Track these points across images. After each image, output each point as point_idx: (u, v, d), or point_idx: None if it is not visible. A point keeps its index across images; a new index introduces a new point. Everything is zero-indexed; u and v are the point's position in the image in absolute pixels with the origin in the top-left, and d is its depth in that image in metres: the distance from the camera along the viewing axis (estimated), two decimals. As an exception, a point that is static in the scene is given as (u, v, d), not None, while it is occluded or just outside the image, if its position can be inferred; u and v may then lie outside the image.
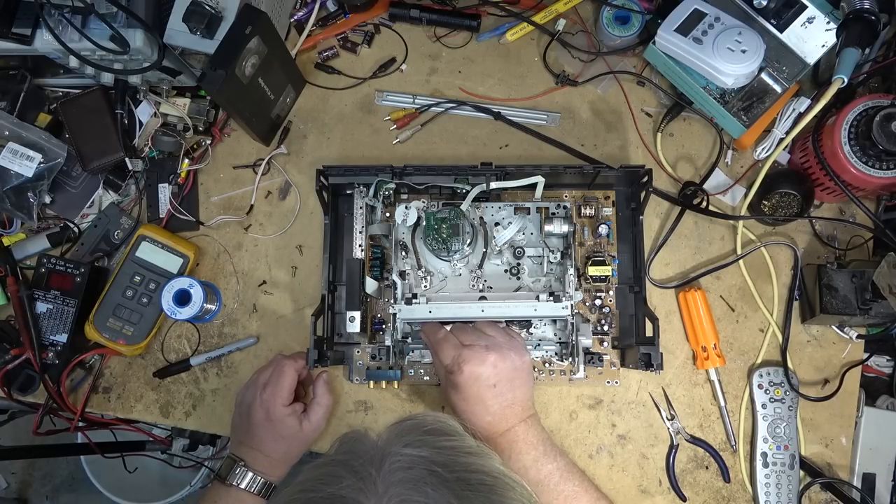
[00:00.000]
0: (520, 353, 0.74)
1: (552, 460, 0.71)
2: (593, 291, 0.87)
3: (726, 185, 0.90)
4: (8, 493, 1.87)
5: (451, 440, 0.48)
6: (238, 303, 0.91)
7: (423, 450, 0.45)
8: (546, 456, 0.71)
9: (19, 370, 0.87)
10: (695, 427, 0.86)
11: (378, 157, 0.93)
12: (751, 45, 0.81)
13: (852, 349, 0.86)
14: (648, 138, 0.92)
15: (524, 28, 0.94)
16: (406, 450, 0.45)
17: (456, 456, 0.46)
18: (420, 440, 0.46)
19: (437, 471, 0.43)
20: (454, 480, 0.43)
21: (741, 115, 0.85)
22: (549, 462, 0.71)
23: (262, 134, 0.91)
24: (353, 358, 0.87)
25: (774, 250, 0.88)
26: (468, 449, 0.47)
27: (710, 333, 0.86)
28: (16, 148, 0.87)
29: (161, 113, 0.91)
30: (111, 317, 0.86)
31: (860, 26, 0.78)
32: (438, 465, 0.44)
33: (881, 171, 0.77)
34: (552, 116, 0.93)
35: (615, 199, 0.89)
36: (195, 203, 0.93)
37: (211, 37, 0.82)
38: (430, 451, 0.45)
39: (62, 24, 0.80)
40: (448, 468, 0.44)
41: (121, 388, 0.90)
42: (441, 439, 0.47)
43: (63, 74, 0.93)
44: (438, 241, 0.82)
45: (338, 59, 0.96)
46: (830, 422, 0.85)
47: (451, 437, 0.48)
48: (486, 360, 0.71)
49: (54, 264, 0.87)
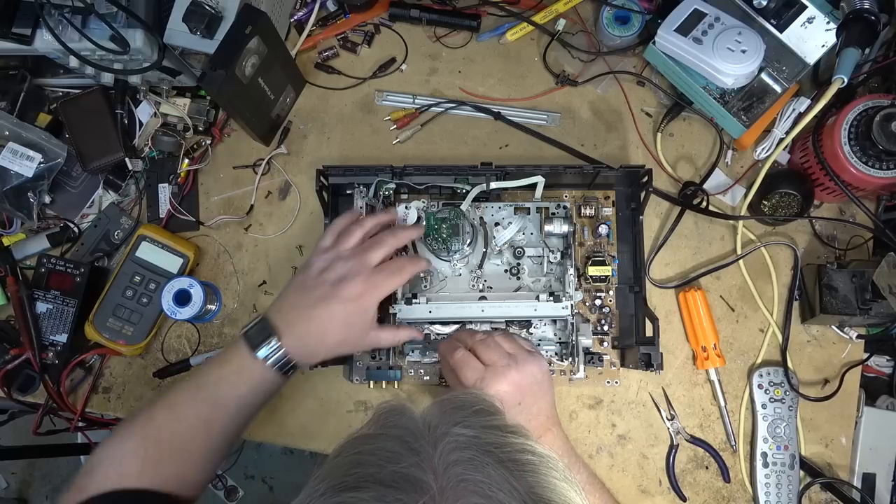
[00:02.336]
0: (539, 363, 0.72)
1: (576, 472, 0.71)
2: (593, 291, 0.87)
3: (726, 185, 0.90)
4: (8, 493, 1.87)
5: (496, 419, 0.47)
6: (238, 303, 0.91)
7: (475, 430, 0.44)
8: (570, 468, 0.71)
9: (19, 370, 0.87)
10: (695, 427, 0.86)
11: (378, 157, 0.93)
12: (751, 45, 0.81)
13: (852, 349, 0.86)
14: (648, 138, 0.92)
15: (524, 28, 0.94)
16: (458, 429, 0.44)
17: (505, 436, 0.45)
18: (470, 420, 0.45)
19: (492, 451, 0.43)
20: (508, 460, 0.42)
21: (741, 115, 0.85)
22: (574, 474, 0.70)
23: (262, 134, 0.91)
24: (353, 358, 0.87)
25: (774, 250, 0.88)
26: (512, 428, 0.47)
27: (710, 333, 0.86)
28: (16, 148, 0.87)
29: (161, 113, 0.91)
30: (111, 317, 0.86)
31: (860, 26, 0.78)
32: (492, 446, 0.43)
33: (881, 171, 0.77)
34: (552, 116, 0.93)
35: (615, 199, 0.89)
36: (195, 203, 0.93)
37: (211, 37, 0.82)
38: (481, 431, 0.45)
39: (62, 24, 0.80)
40: (500, 448, 0.43)
41: (121, 388, 0.90)
42: (488, 419, 0.47)
43: (63, 74, 0.93)
44: (438, 241, 0.82)
45: (338, 59, 0.96)
46: (830, 422, 0.85)
47: (496, 417, 0.48)
48: (509, 379, 0.69)
49: (54, 264, 0.87)
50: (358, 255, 0.74)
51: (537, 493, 0.41)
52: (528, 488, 0.41)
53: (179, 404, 0.71)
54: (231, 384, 0.72)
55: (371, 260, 0.74)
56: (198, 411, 0.71)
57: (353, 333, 0.74)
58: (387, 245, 0.76)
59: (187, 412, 0.71)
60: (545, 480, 0.42)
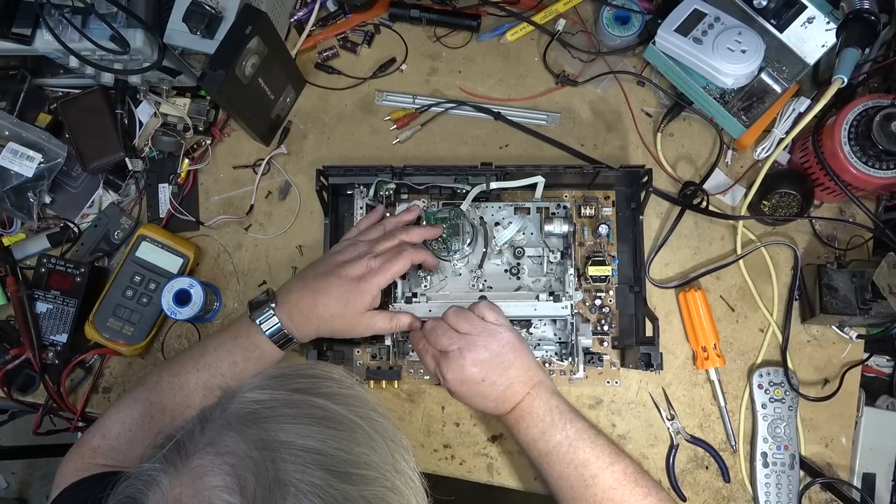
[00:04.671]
0: (495, 335, 0.72)
1: (560, 430, 0.71)
2: (593, 291, 0.87)
3: (726, 185, 0.90)
4: (8, 493, 1.87)
5: (302, 382, 0.48)
6: (238, 303, 0.91)
7: (261, 392, 0.47)
8: (554, 426, 0.71)
9: (19, 370, 0.87)
10: (695, 427, 0.86)
11: (378, 157, 0.93)
12: (751, 45, 0.81)
13: (852, 349, 0.86)
14: (648, 138, 0.92)
15: (524, 28, 0.94)
16: (247, 394, 0.47)
17: (293, 395, 0.47)
18: (263, 384, 0.48)
19: (257, 409, 0.45)
20: (273, 417, 0.45)
21: (741, 115, 0.85)
22: (557, 432, 0.71)
23: (262, 134, 0.91)
24: (353, 358, 0.87)
25: (774, 250, 0.88)
26: (318, 390, 0.48)
27: (710, 333, 0.86)
28: (16, 148, 0.87)
29: (161, 113, 0.91)
30: (111, 317, 0.86)
31: (860, 26, 0.78)
32: (261, 404, 0.46)
33: (881, 171, 0.77)
34: (552, 116, 0.93)
35: (615, 199, 0.89)
36: (195, 203, 0.93)
37: (211, 37, 0.82)
38: (266, 392, 0.47)
39: (62, 24, 0.80)
40: (271, 406, 0.45)
41: (121, 388, 0.90)
42: (290, 382, 0.48)
43: (63, 74, 0.93)
44: (438, 241, 0.83)
45: (338, 59, 0.96)
46: (830, 422, 0.85)
47: (305, 380, 0.49)
48: (465, 362, 0.70)
49: (54, 264, 0.87)
50: (368, 244, 0.78)
51: (291, 442, 0.43)
52: (280, 438, 0.43)
53: (182, 371, 0.75)
54: (228, 350, 0.75)
55: (378, 249, 0.77)
56: (198, 378, 0.74)
57: (349, 312, 0.75)
58: (397, 240, 0.78)
59: (189, 379, 0.74)
60: (314, 431, 0.44)
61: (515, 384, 0.72)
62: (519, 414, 0.72)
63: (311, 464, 0.42)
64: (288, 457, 0.42)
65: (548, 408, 0.72)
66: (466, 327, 0.72)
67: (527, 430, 0.72)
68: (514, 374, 0.72)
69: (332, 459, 0.43)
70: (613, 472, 0.71)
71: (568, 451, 0.71)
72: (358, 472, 0.44)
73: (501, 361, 0.71)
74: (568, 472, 0.71)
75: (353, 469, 0.43)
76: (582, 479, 0.70)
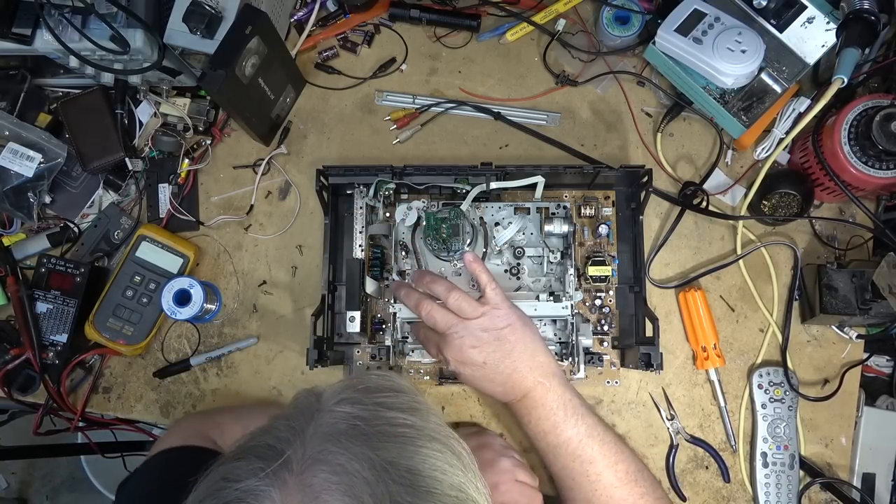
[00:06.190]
0: (493, 319, 0.72)
1: (572, 426, 0.71)
2: (593, 291, 0.87)
3: (726, 185, 0.90)
4: (8, 493, 1.87)
5: (385, 396, 0.49)
6: (238, 303, 0.91)
7: (353, 407, 0.47)
8: (566, 421, 0.71)
9: (19, 370, 0.87)
10: (695, 427, 0.86)
11: (378, 157, 0.93)
12: (751, 45, 0.81)
13: (852, 349, 0.86)
14: (648, 138, 0.92)
15: (524, 28, 0.94)
16: (337, 407, 0.47)
17: (383, 411, 0.47)
18: (352, 398, 0.48)
19: (358, 425, 0.46)
20: (374, 434, 0.45)
21: (741, 115, 0.85)
22: (569, 428, 0.71)
23: (262, 134, 0.91)
24: (353, 358, 0.87)
25: (774, 250, 0.88)
26: (401, 405, 0.49)
27: (710, 333, 0.86)
28: (16, 148, 0.87)
29: (161, 113, 0.91)
30: (111, 317, 0.86)
31: (860, 26, 0.78)
32: (361, 420, 0.46)
33: (881, 171, 0.77)
34: (552, 116, 0.93)
35: (615, 199, 0.89)
36: (195, 203, 0.93)
37: (211, 37, 0.82)
38: (359, 407, 0.47)
39: (62, 24, 0.80)
40: (370, 422, 0.46)
41: (121, 388, 0.90)
42: (376, 396, 0.49)
43: (63, 74, 0.93)
44: (438, 241, 0.82)
45: (338, 59, 0.96)
46: (830, 422, 0.85)
47: (386, 394, 0.50)
48: (464, 346, 0.71)
49: (54, 264, 0.87)
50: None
51: (396, 462, 0.43)
52: (387, 458, 0.43)
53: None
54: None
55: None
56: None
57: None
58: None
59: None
60: (412, 451, 0.45)
61: (523, 370, 0.71)
62: (531, 404, 0.72)
63: (414, 485, 0.43)
64: (396, 478, 0.43)
65: (561, 401, 0.72)
66: (466, 309, 0.72)
67: (537, 422, 0.72)
68: (520, 359, 0.71)
69: (432, 481, 0.44)
70: (616, 471, 0.71)
71: (577, 448, 0.71)
72: (451, 495, 0.45)
73: (503, 344, 0.71)
74: (573, 466, 0.71)
75: (449, 491, 0.44)
76: (585, 474, 0.71)
